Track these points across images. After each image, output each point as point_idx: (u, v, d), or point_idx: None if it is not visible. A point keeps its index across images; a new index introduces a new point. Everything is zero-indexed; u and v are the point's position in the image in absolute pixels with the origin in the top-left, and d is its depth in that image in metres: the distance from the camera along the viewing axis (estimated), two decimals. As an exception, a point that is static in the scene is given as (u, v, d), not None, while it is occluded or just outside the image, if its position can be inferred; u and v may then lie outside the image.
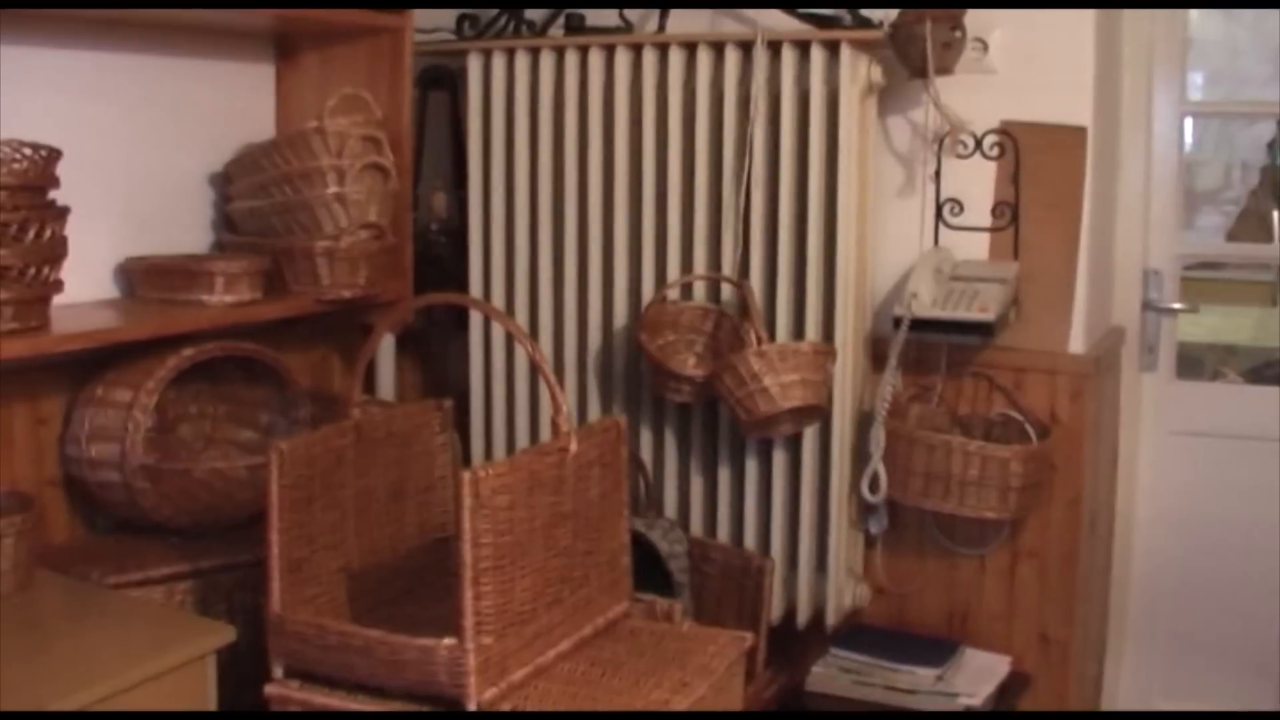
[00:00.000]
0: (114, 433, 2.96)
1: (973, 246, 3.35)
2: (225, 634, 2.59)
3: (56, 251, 2.72)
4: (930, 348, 3.35)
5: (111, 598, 2.76)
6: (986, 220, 3.34)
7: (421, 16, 3.53)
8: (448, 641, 2.27)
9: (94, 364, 3.07)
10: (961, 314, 3.14)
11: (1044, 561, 3.37)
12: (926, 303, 3.17)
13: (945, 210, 3.34)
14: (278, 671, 2.50)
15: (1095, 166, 3.31)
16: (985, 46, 3.30)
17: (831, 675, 3.29)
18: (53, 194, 2.73)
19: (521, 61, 3.49)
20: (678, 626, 2.77)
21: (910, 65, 3.17)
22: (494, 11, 3.64)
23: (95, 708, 2.30)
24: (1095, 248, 3.38)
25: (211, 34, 3.39)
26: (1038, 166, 3.29)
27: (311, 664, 2.45)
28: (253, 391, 3.30)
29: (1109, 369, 3.53)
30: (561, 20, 3.59)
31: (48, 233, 2.68)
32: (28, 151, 2.68)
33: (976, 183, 3.34)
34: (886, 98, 3.35)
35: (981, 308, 3.14)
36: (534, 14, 3.64)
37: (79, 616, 2.66)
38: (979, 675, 3.29)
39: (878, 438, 3.22)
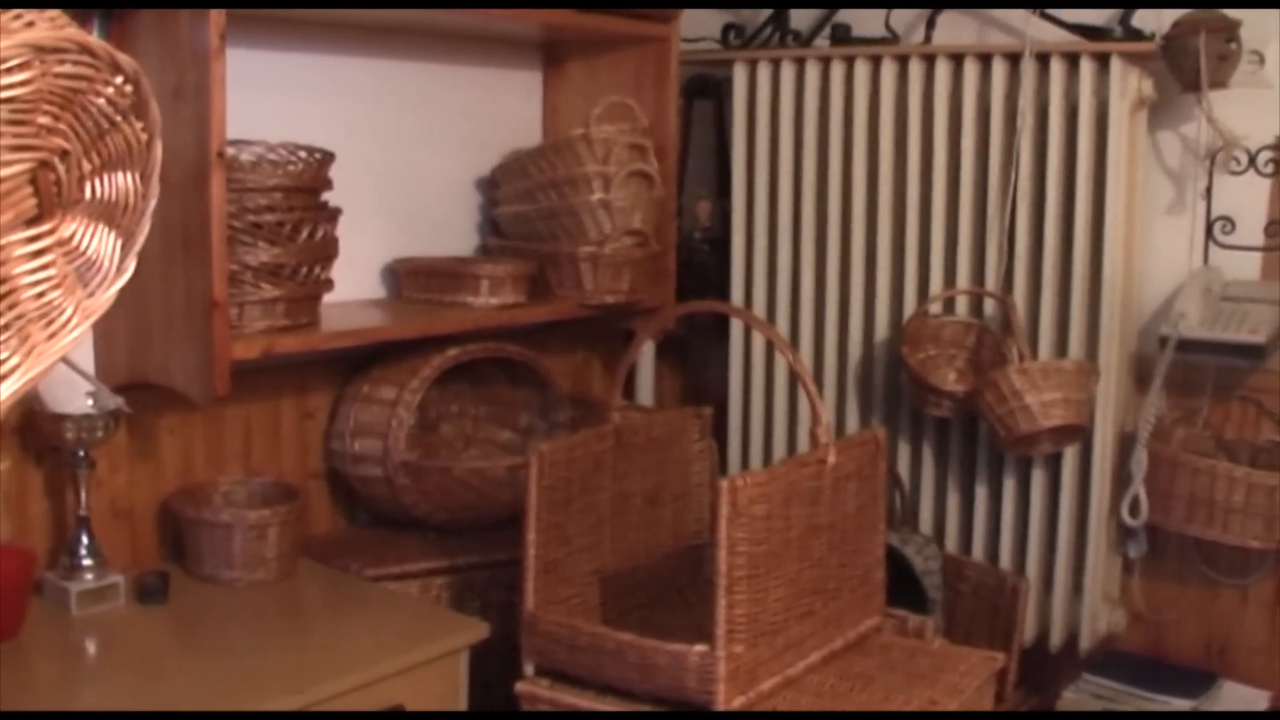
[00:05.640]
0: (378, 429, 3.04)
1: (1244, 266, 3.25)
2: (479, 630, 2.65)
3: (328, 251, 2.81)
4: (1197, 369, 3.26)
5: (369, 589, 2.84)
6: (1259, 239, 3.24)
7: (687, 25, 3.55)
8: (699, 648, 2.28)
9: (360, 361, 3.16)
10: (1231, 335, 3.06)
11: (1311, 595, 3.27)
12: (1194, 323, 3.09)
13: (1216, 228, 3.25)
14: (528, 669, 2.53)
15: (1377, 186, 3.20)
16: (1261, 59, 3.19)
17: (1083, 701, 3.22)
18: (325, 195, 2.83)
19: (787, 72, 3.48)
20: (929, 644, 2.73)
21: (1183, 79, 3.09)
22: (760, 19, 3.65)
23: (349, 695, 2.38)
24: (1375, 270, 3.27)
25: (481, 41, 3.45)
26: (1315, 185, 3.19)
27: (562, 664, 2.48)
28: (513, 393, 3.36)
29: (1386, 397, 3.40)
30: (827, 30, 3.58)
31: (319, 233, 2.77)
32: (302, 154, 2.78)
33: (1249, 200, 3.23)
34: (1157, 111, 3.27)
35: (1252, 329, 3.05)
36: (799, 22, 3.64)
37: (338, 606, 2.73)
38: (1237, 709, 3.20)
39: (1140, 460, 3.15)
